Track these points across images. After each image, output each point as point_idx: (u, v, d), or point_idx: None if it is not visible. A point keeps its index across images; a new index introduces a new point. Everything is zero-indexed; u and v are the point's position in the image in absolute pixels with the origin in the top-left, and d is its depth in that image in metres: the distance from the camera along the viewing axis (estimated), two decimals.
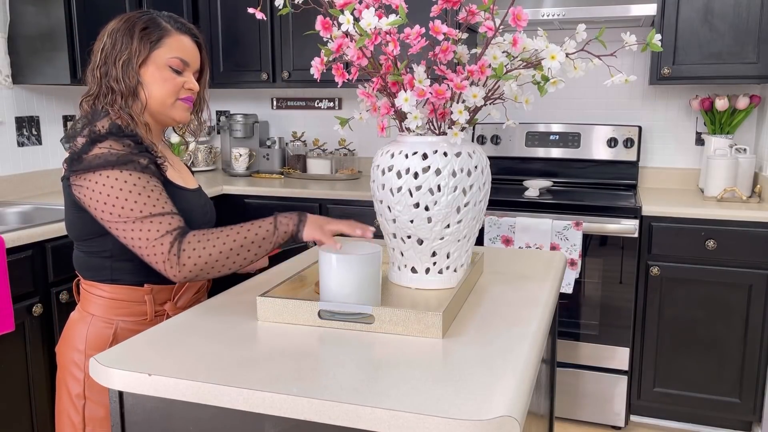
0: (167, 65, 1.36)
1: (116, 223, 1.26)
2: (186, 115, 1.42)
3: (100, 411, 1.35)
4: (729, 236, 2.51)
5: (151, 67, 1.35)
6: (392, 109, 1.39)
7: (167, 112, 1.39)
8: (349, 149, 3.56)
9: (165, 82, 1.36)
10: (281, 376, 0.99)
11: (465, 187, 1.37)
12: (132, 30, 1.34)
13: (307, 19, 3.09)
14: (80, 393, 1.35)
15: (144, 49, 1.34)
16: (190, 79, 1.41)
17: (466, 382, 0.97)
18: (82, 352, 1.35)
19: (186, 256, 1.23)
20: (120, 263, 1.35)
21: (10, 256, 2.08)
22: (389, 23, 1.27)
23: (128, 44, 1.33)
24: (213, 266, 1.25)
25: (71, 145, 1.30)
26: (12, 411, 2.13)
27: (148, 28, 1.35)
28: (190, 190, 1.43)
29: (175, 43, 1.37)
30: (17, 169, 2.83)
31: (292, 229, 1.30)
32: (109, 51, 1.34)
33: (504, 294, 1.42)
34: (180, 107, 1.40)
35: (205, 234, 1.25)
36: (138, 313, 1.37)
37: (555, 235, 2.63)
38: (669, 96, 3.12)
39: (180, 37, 1.38)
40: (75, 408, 1.36)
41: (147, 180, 1.28)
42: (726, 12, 2.65)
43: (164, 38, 1.36)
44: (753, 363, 2.56)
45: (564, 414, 2.81)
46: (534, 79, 1.36)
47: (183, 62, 1.38)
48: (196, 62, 1.42)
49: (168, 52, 1.36)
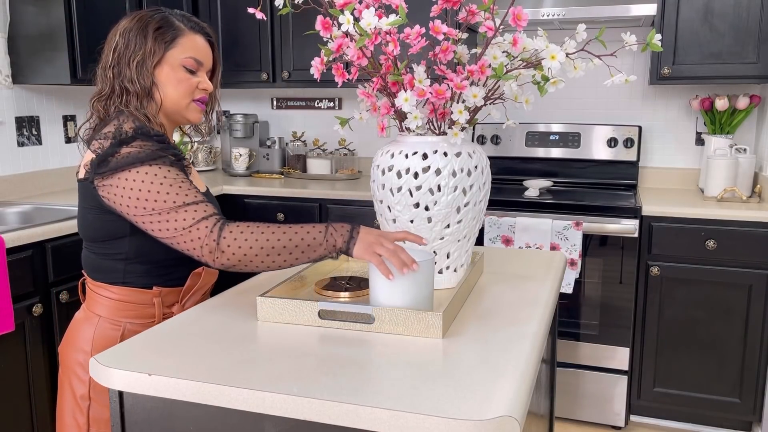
0: (182, 65, 1.35)
1: (150, 216, 1.23)
2: (199, 116, 1.41)
3: (105, 412, 1.34)
4: (729, 236, 2.51)
5: (166, 68, 1.34)
6: (392, 109, 1.39)
7: (182, 113, 1.39)
8: (349, 149, 3.56)
9: (180, 82, 1.35)
10: (281, 376, 0.99)
11: (465, 187, 1.37)
12: (146, 30, 1.32)
13: (307, 19, 3.09)
14: (85, 394, 1.35)
15: (159, 49, 1.32)
16: (204, 79, 1.39)
17: (466, 382, 0.97)
18: (88, 353, 1.35)
19: (226, 243, 1.19)
20: (133, 266, 1.35)
21: (10, 256, 2.08)
22: (389, 23, 1.27)
23: (142, 44, 1.32)
24: (252, 260, 1.20)
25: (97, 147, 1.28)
26: (12, 411, 2.13)
27: (161, 27, 1.33)
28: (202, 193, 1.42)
29: (189, 43, 1.36)
30: (17, 169, 2.83)
31: (341, 246, 1.22)
32: (122, 51, 1.32)
33: (504, 294, 1.42)
34: (194, 108, 1.40)
35: (249, 225, 1.21)
36: (146, 315, 1.36)
37: (555, 235, 2.63)
38: (669, 96, 3.12)
39: (194, 36, 1.37)
40: (80, 409, 1.35)
41: (177, 173, 1.27)
42: (726, 12, 2.65)
43: (178, 38, 1.34)
44: (753, 363, 2.55)
45: (564, 414, 2.81)
46: (534, 79, 1.36)
47: (197, 62, 1.37)
48: (209, 62, 1.41)
49: (182, 52, 1.35)
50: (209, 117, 1.50)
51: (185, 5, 3.29)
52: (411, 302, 1.19)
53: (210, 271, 1.42)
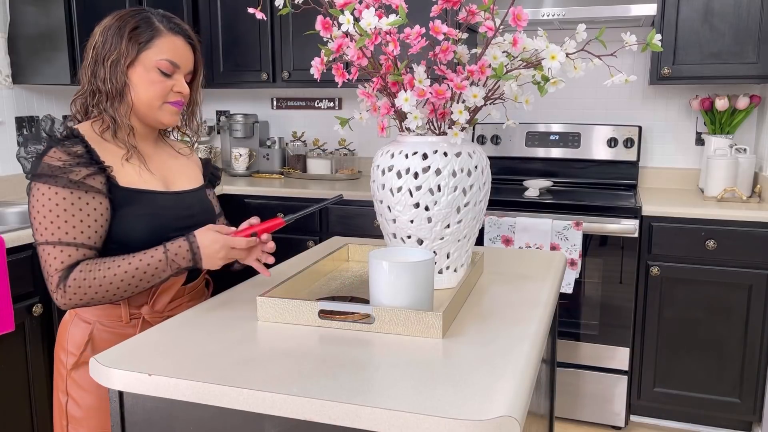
0: (155, 67, 1.32)
1: (35, 238, 1.28)
2: (174, 118, 1.38)
3: (78, 411, 1.35)
4: (729, 236, 2.51)
5: (139, 69, 1.32)
6: (392, 109, 1.39)
7: (154, 115, 1.36)
8: (349, 149, 3.56)
9: (152, 84, 1.32)
10: (281, 376, 0.99)
11: (465, 187, 1.37)
12: (122, 29, 1.30)
13: (307, 19, 3.09)
14: (64, 390, 1.36)
15: (132, 50, 1.30)
16: (180, 81, 1.36)
17: (466, 382, 0.97)
18: (66, 350, 1.37)
19: (72, 291, 1.24)
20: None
21: (10, 256, 2.08)
22: (389, 23, 1.27)
23: (117, 44, 1.30)
24: (99, 298, 1.26)
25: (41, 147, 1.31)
26: (12, 411, 2.13)
27: (138, 27, 1.31)
28: (160, 193, 1.37)
29: (166, 45, 1.33)
30: (17, 169, 2.83)
31: (186, 265, 1.29)
32: (99, 49, 1.31)
33: (504, 294, 1.42)
34: (167, 110, 1.36)
35: (92, 268, 1.25)
36: (113, 316, 1.36)
37: (555, 235, 2.63)
38: (669, 96, 3.12)
39: (172, 38, 1.34)
40: (60, 406, 1.37)
41: (76, 198, 1.25)
42: (726, 12, 2.65)
43: (155, 39, 1.32)
44: (753, 363, 2.55)
45: (564, 414, 2.81)
46: (534, 79, 1.36)
47: (173, 64, 1.33)
48: (188, 64, 1.38)
49: (157, 53, 1.32)
50: (191, 120, 1.47)
51: (185, 5, 3.29)
52: (411, 302, 1.19)
53: None
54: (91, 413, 1.34)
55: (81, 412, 1.35)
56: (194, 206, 1.44)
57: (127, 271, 1.26)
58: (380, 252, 1.27)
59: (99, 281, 1.25)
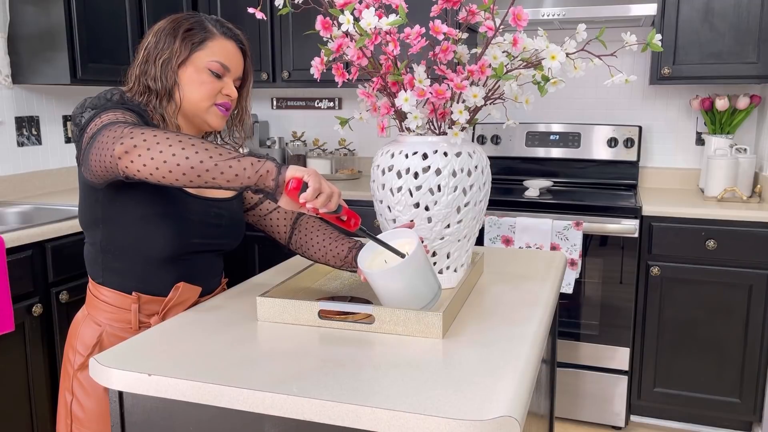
0: (207, 68, 1.33)
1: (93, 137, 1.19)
2: (221, 122, 1.38)
3: (80, 412, 1.35)
4: (729, 236, 2.51)
5: (190, 69, 1.32)
6: (392, 109, 1.39)
7: (202, 116, 1.35)
8: (349, 149, 3.56)
9: (202, 85, 1.33)
10: (281, 376, 0.99)
11: (465, 187, 1.37)
12: (176, 30, 1.32)
13: (307, 19, 3.09)
14: (70, 389, 1.36)
15: (185, 50, 1.31)
16: (229, 84, 1.36)
17: (466, 382, 0.97)
18: (75, 350, 1.36)
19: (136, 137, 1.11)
20: (107, 259, 1.33)
21: (10, 256, 2.08)
22: (389, 23, 1.27)
23: (170, 44, 1.31)
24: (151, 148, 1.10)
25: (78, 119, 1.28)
26: (12, 411, 2.13)
27: (192, 29, 1.32)
28: (190, 195, 1.36)
29: (218, 47, 1.34)
30: (17, 169, 2.83)
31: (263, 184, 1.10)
32: (151, 49, 1.32)
33: (504, 294, 1.42)
34: (214, 113, 1.36)
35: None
36: (123, 320, 1.35)
37: (555, 235, 2.63)
38: (669, 96, 3.12)
39: (224, 41, 1.35)
40: (65, 404, 1.37)
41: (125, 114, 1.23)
42: (726, 12, 2.65)
43: (207, 41, 1.33)
44: (753, 363, 2.55)
45: (564, 414, 2.81)
46: (534, 79, 1.36)
47: (223, 67, 1.34)
48: (238, 69, 1.38)
49: (209, 55, 1.33)
50: (238, 126, 1.45)
51: (185, 5, 3.29)
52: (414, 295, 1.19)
53: (189, 287, 1.37)
54: (92, 417, 1.34)
55: (83, 414, 1.35)
56: (223, 216, 1.42)
57: (208, 148, 1.09)
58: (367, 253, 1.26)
59: (167, 134, 1.10)
